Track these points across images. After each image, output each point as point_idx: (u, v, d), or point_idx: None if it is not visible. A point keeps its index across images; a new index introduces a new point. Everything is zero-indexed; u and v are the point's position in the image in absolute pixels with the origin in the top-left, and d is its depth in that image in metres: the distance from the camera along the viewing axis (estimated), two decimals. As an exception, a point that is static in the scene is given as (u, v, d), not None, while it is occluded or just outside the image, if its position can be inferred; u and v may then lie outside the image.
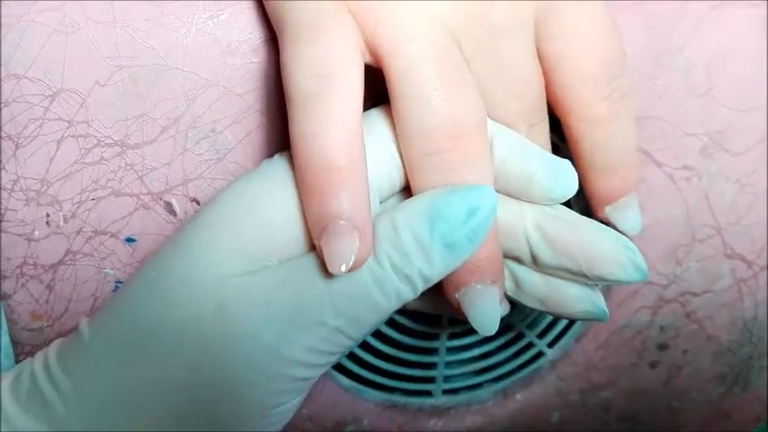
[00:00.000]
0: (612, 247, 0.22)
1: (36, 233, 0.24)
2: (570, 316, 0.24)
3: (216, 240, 0.20)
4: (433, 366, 0.30)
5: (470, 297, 0.22)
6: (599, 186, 0.24)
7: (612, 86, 0.23)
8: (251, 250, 0.20)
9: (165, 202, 0.24)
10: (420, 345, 0.30)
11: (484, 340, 0.30)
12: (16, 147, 0.23)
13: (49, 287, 0.24)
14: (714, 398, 0.33)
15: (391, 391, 0.30)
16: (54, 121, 0.23)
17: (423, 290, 0.20)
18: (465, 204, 0.20)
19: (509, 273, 0.24)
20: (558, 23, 0.23)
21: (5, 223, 0.23)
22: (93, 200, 0.24)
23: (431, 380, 0.31)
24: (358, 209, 0.20)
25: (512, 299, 0.24)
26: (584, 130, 0.23)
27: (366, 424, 0.30)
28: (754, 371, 0.33)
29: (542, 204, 0.23)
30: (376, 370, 0.30)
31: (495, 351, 0.31)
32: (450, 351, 0.30)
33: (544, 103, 0.23)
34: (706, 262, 0.30)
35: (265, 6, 0.23)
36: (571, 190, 0.23)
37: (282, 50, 0.21)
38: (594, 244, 0.22)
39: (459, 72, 0.21)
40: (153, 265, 0.21)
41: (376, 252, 0.20)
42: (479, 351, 0.31)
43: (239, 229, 0.20)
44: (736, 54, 0.28)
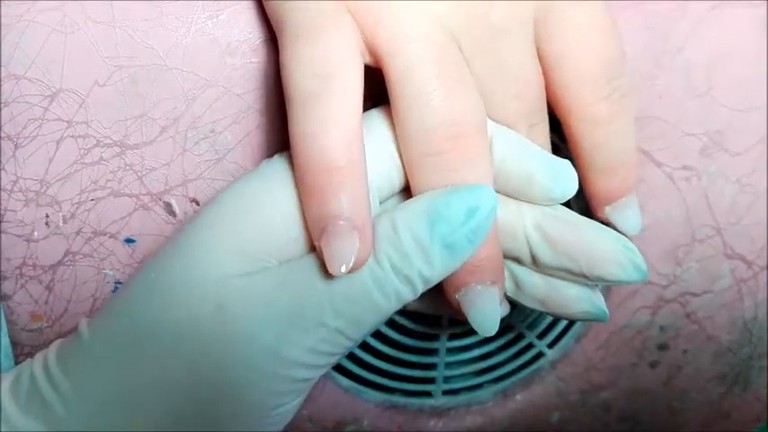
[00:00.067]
0: (612, 248, 0.22)
1: (35, 234, 0.24)
2: (570, 316, 0.24)
3: (215, 241, 0.20)
4: (433, 367, 0.30)
5: (470, 298, 0.22)
6: (599, 186, 0.24)
7: (612, 86, 0.23)
8: (250, 251, 0.20)
9: (164, 202, 0.24)
10: (420, 345, 0.30)
11: (484, 341, 0.30)
12: (15, 147, 0.23)
13: (49, 288, 0.24)
14: (714, 398, 0.33)
15: (391, 391, 0.30)
16: (53, 121, 0.23)
17: (423, 291, 0.20)
18: (465, 205, 0.20)
19: (509, 273, 0.24)
20: (558, 23, 0.23)
21: (5, 224, 0.23)
22: (92, 200, 0.24)
23: (431, 380, 0.31)
24: (358, 209, 0.20)
25: (512, 299, 0.24)
26: (583, 130, 0.23)
27: (366, 424, 0.30)
28: (754, 371, 0.33)
29: (542, 204, 0.23)
30: (376, 371, 0.30)
31: (495, 352, 0.31)
32: (450, 352, 0.30)
33: (544, 103, 0.23)
34: (706, 262, 0.30)
35: (265, 6, 0.23)
36: (571, 190, 0.23)
37: (282, 50, 0.21)
38: (594, 244, 0.22)
39: (458, 72, 0.21)
40: (152, 266, 0.21)
41: (376, 253, 0.20)
42: (479, 352, 0.30)
43: (239, 230, 0.20)
44: (736, 54, 0.28)
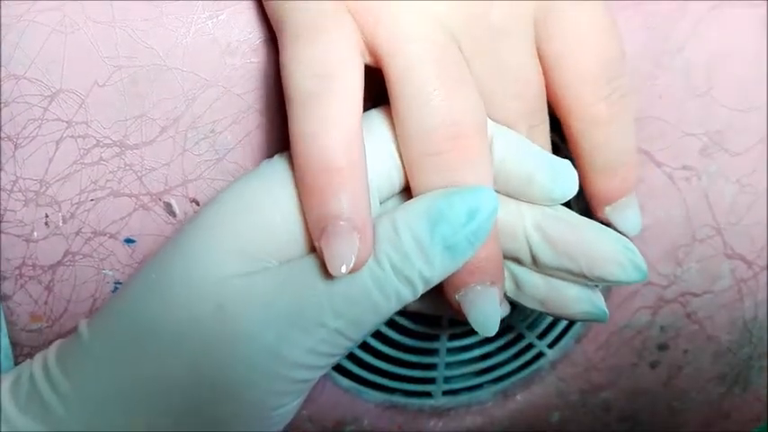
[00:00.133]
0: (612, 248, 0.22)
1: (35, 234, 0.24)
2: (570, 317, 0.24)
3: (216, 241, 0.20)
4: (433, 367, 0.30)
5: (470, 298, 0.22)
6: (599, 186, 0.24)
7: (612, 86, 0.23)
8: (251, 251, 0.20)
9: (164, 202, 0.24)
10: (420, 346, 0.30)
11: (484, 341, 0.30)
12: (15, 147, 0.23)
13: (48, 288, 0.24)
14: (714, 398, 0.33)
15: (391, 391, 0.30)
16: (53, 121, 0.23)
17: (423, 291, 0.20)
18: (466, 206, 0.20)
19: (509, 273, 0.24)
20: (558, 23, 0.23)
21: (4, 224, 0.23)
22: (92, 200, 0.24)
23: (431, 381, 0.31)
24: (358, 209, 0.19)
25: (512, 300, 0.24)
26: (583, 130, 0.23)
27: (366, 425, 0.30)
28: (754, 371, 0.33)
29: (542, 205, 0.23)
30: (376, 371, 0.30)
31: (496, 352, 0.31)
32: (451, 352, 0.30)
33: (544, 104, 0.23)
34: (706, 262, 0.30)
35: (265, 6, 0.23)
36: (571, 190, 0.23)
37: (282, 50, 0.21)
38: (594, 244, 0.22)
39: (458, 72, 0.21)
40: (153, 266, 0.21)
41: (376, 253, 0.20)
42: (479, 352, 0.30)
43: (239, 230, 0.20)
44: (736, 54, 0.28)
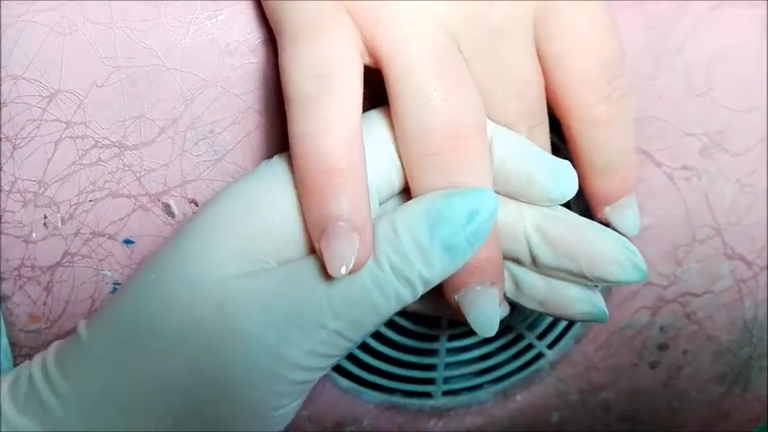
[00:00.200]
0: (612, 248, 0.22)
1: (34, 235, 0.24)
2: (570, 317, 0.24)
3: (215, 241, 0.20)
4: (432, 368, 0.30)
5: (470, 298, 0.22)
6: (598, 187, 0.24)
7: (612, 87, 0.23)
8: (250, 251, 0.20)
9: (163, 203, 0.24)
10: (420, 346, 0.30)
11: (484, 341, 0.30)
12: (14, 148, 0.23)
13: (47, 289, 0.24)
14: (714, 398, 0.33)
15: (391, 392, 0.30)
16: (52, 122, 0.23)
17: (422, 292, 0.20)
18: (466, 207, 0.20)
19: (509, 274, 0.24)
20: (558, 24, 0.23)
21: (3, 225, 0.23)
22: (90, 201, 0.24)
23: (431, 381, 0.31)
24: (358, 210, 0.19)
25: (511, 300, 0.24)
26: (583, 130, 0.23)
27: (366, 425, 0.30)
28: (754, 371, 0.33)
29: (542, 205, 0.23)
30: (376, 371, 0.30)
31: (495, 352, 0.31)
32: (450, 352, 0.30)
33: (544, 104, 0.23)
34: (706, 262, 0.30)
35: (264, 7, 0.23)
36: (571, 191, 0.23)
37: (281, 51, 0.21)
38: (594, 245, 0.22)
39: (458, 72, 0.21)
40: (152, 267, 0.21)
41: (376, 254, 0.20)
42: (479, 352, 0.30)
43: (238, 231, 0.20)
44: (736, 54, 0.28)
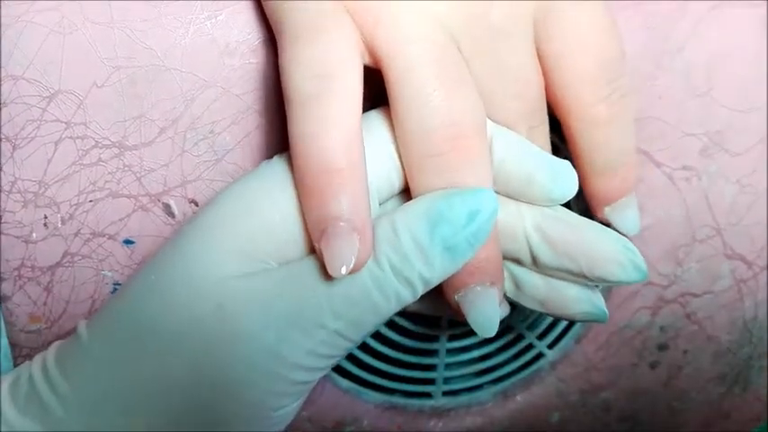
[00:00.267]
0: (612, 248, 0.22)
1: (34, 235, 0.24)
2: (570, 317, 0.24)
3: (215, 241, 0.20)
4: (432, 368, 0.30)
5: (470, 299, 0.22)
6: (598, 187, 0.24)
7: (612, 87, 0.23)
8: (250, 252, 0.20)
9: (163, 203, 0.24)
10: (420, 346, 0.30)
11: (484, 342, 0.30)
12: (14, 148, 0.23)
13: (47, 289, 0.24)
14: (714, 398, 0.33)
15: (391, 392, 0.30)
16: (52, 122, 0.23)
17: (422, 292, 0.20)
18: (466, 207, 0.20)
19: (509, 274, 0.24)
20: (558, 24, 0.23)
21: (3, 225, 0.23)
22: (90, 201, 0.24)
23: (431, 381, 0.31)
24: (358, 210, 0.19)
25: (512, 300, 0.24)
26: (583, 130, 0.23)
27: (366, 425, 0.30)
28: (754, 371, 0.33)
29: (542, 205, 0.23)
30: (376, 371, 0.30)
31: (495, 352, 0.31)
32: (450, 353, 0.30)
33: (544, 104, 0.23)
34: (706, 262, 0.30)
35: (264, 7, 0.23)
36: (571, 191, 0.23)
37: (281, 51, 0.21)
38: (594, 244, 0.22)
39: (458, 72, 0.21)
40: (152, 267, 0.21)
41: (376, 254, 0.20)
42: (479, 353, 0.30)
43: (238, 231, 0.20)
44: (736, 54, 0.28)
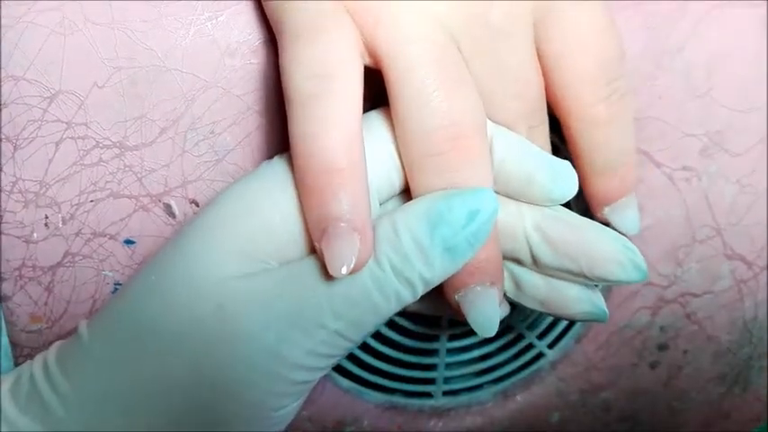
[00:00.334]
0: (613, 248, 0.22)
1: (35, 235, 0.24)
2: (570, 317, 0.24)
3: (216, 242, 0.20)
4: (433, 368, 0.30)
5: (470, 299, 0.22)
6: (598, 187, 0.24)
7: (612, 87, 0.23)
8: (251, 252, 0.20)
9: (164, 203, 0.24)
10: (420, 346, 0.30)
11: (484, 341, 0.30)
12: (15, 148, 0.23)
13: (48, 289, 0.24)
14: (714, 398, 0.33)
15: (391, 392, 0.30)
16: (52, 122, 0.23)
17: (423, 293, 0.20)
18: (466, 208, 0.20)
19: (509, 274, 0.24)
20: (558, 24, 0.23)
21: (4, 225, 0.23)
22: (91, 201, 0.24)
23: (431, 381, 0.31)
24: (358, 210, 0.19)
25: (512, 300, 0.24)
26: (583, 130, 0.23)
27: (366, 425, 0.30)
28: (754, 371, 0.33)
29: (542, 205, 0.23)
30: (376, 371, 0.30)
31: (496, 352, 0.31)
32: (451, 352, 0.30)
33: (544, 104, 0.23)
34: (706, 262, 0.30)
35: (264, 7, 0.23)
36: (571, 191, 0.23)
37: (281, 51, 0.21)
38: (595, 244, 0.22)
39: (458, 72, 0.21)
40: (153, 267, 0.21)
41: (376, 254, 0.20)
42: (479, 352, 0.30)
43: (239, 231, 0.20)
44: (736, 54, 0.28)
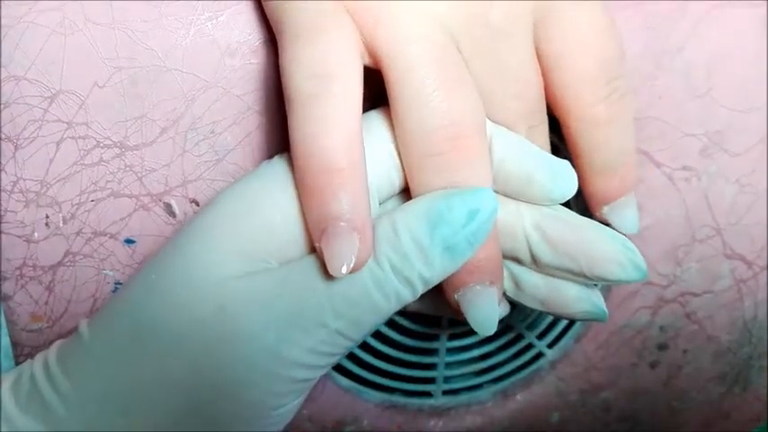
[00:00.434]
0: (612, 247, 0.22)
1: (35, 234, 0.24)
2: (570, 316, 0.24)
3: (216, 242, 0.20)
4: (432, 367, 0.30)
5: (469, 298, 0.22)
6: (597, 186, 0.24)
7: (611, 87, 0.23)
8: (251, 252, 0.20)
9: (164, 203, 0.24)
10: (420, 346, 0.30)
11: (484, 341, 0.30)
12: (16, 148, 0.23)
13: (49, 288, 0.24)
14: (714, 398, 0.33)
15: (391, 391, 0.30)
16: (53, 122, 0.23)
17: (422, 292, 0.20)
18: (466, 207, 0.20)
19: (509, 273, 0.24)
20: (557, 24, 0.23)
21: (5, 224, 0.23)
22: (92, 201, 0.24)
23: (431, 380, 0.31)
24: (358, 210, 0.20)
25: (512, 299, 0.24)
26: (582, 130, 0.23)
27: (366, 424, 0.30)
28: (754, 371, 0.33)
29: (542, 205, 0.23)
30: (376, 371, 0.30)
31: (495, 352, 0.31)
32: (450, 352, 0.30)
33: (543, 104, 0.23)
34: (706, 262, 0.30)
35: (264, 7, 0.23)
36: (571, 190, 0.23)
37: (281, 51, 0.21)
38: (594, 244, 0.22)
39: (457, 72, 0.21)
40: (153, 267, 0.21)
41: (376, 254, 0.20)
42: (479, 352, 0.31)
43: (239, 231, 0.20)
44: (736, 54, 0.28)
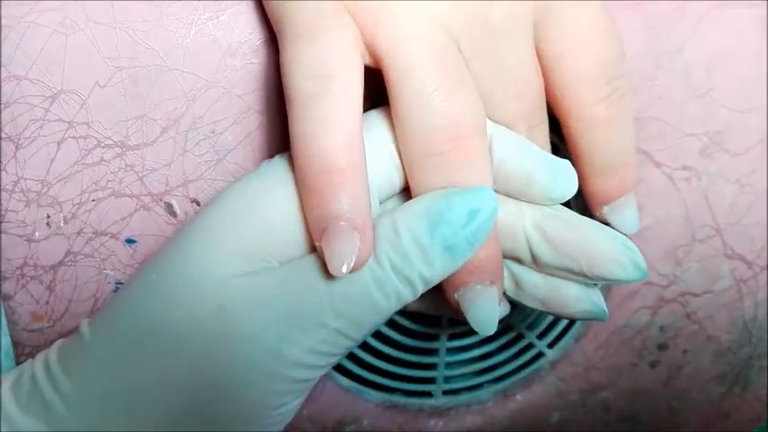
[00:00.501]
0: (612, 247, 0.22)
1: (36, 234, 0.24)
2: (570, 316, 0.24)
3: (216, 241, 0.20)
4: (433, 367, 0.30)
5: (469, 297, 0.22)
6: (597, 186, 0.24)
7: (611, 87, 0.23)
8: (251, 251, 0.20)
9: (165, 203, 0.24)
10: (420, 345, 0.30)
11: (484, 341, 0.30)
12: (17, 148, 0.23)
13: (50, 288, 0.24)
14: (714, 398, 0.33)
15: (391, 391, 0.30)
16: (54, 122, 0.23)
17: (423, 291, 0.20)
18: (466, 207, 0.20)
19: (509, 273, 0.24)
20: (558, 24, 0.23)
21: (6, 224, 0.23)
22: (93, 201, 0.24)
23: (431, 380, 0.31)
24: (358, 209, 0.20)
25: (512, 299, 0.24)
26: (582, 130, 0.23)
27: (366, 424, 0.30)
28: (754, 371, 0.33)
29: (542, 204, 0.23)
30: (376, 370, 0.30)
31: (496, 352, 0.31)
32: (451, 352, 0.30)
33: (544, 104, 0.23)
34: (706, 262, 0.30)
35: (265, 6, 0.23)
36: (571, 190, 0.23)
37: (282, 51, 0.21)
38: (594, 243, 0.22)
39: (458, 72, 0.21)
40: (153, 267, 0.21)
41: (376, 253, 0.20)
42: (479, 352, 0.31)
43: (240, 231, 0.20)
44: (736, 54, 0.28)
